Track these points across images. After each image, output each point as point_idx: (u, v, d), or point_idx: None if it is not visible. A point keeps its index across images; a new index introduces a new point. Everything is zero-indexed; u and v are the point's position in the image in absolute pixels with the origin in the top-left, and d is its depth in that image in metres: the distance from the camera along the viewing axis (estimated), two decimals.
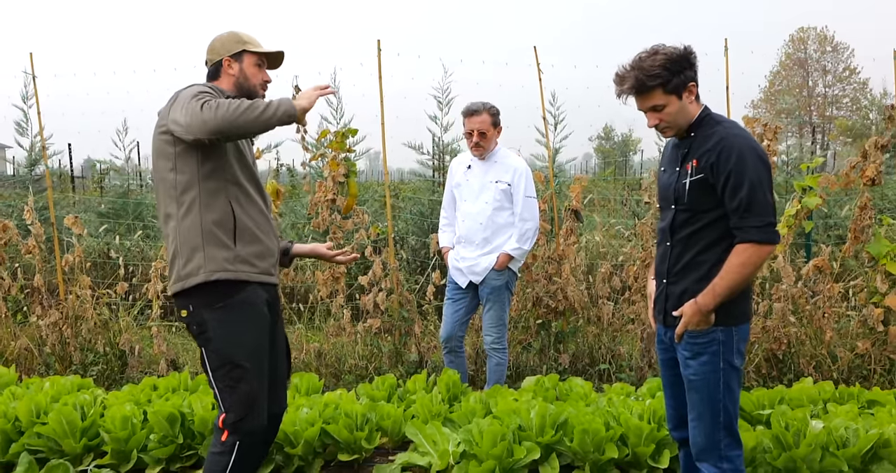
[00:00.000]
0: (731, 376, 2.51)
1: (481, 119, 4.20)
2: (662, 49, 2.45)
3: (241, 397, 2.53)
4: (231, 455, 2.54)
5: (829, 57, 42.31)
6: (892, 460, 3.23)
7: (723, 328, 2.47)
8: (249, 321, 2.57)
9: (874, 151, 4.67)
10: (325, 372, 5.18)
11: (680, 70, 2.43)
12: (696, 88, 2.48)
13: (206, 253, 2.51)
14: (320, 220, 5.28)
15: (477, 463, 3.23)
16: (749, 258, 2.37)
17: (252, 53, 2.74)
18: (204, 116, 2.30)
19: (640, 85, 2.43)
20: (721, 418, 2.51)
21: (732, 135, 2.43)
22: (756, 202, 2.36)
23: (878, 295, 4.65)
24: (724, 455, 2.53)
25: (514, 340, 5.25)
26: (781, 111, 35.92)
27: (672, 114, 2.47)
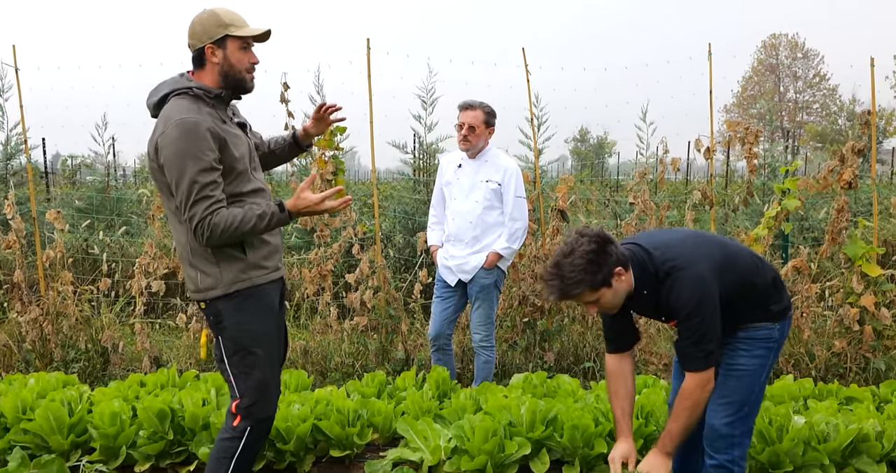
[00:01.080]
0: (768, 373, 2.68)
1: (474, 114, 4.25)
2: (578, 249, 2.44)
3: (254, 383, 2.62)
4: (241, 441, 2.61)
5: (800, 63, 43.12)
6: (871, 453, 3.33)
7: (779, 325, 2.64)
8: (261, 311, 2.64)
9: (851, 156, 4.80)
10: (312, 369, 5.18)
11: (600, 266, 2.44)
12: (623, 271, 2.50)
13: (220, 268, 2.57)
14: (307, 218, 5.27)
15: (469, 459, 3.27)
16: (696, 401, 2.55)
17: (236, 37, 2.58)
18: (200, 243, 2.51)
19: (566, 295, 2.48)
20: (746, 408, 2.65)
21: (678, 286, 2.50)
22: (700, 335, 2.50)
23: (853, 295, 4.78)
24: (738, 442, 2.65)
25: (501, 338, 5.29)
26: (754, 115, 36.53)
27: (608, 301, 2.54)
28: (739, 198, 5.32)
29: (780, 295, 2.68)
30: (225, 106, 2.70)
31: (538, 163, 5.84)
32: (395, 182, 11.51)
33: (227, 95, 2.67)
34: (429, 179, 7.37)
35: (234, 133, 2.64)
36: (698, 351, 2.53)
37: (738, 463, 2.65)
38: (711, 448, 2.67)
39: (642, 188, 5.29)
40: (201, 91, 2.58)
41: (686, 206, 5.50)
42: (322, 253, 5.32)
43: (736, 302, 2.59)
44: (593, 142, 41.29)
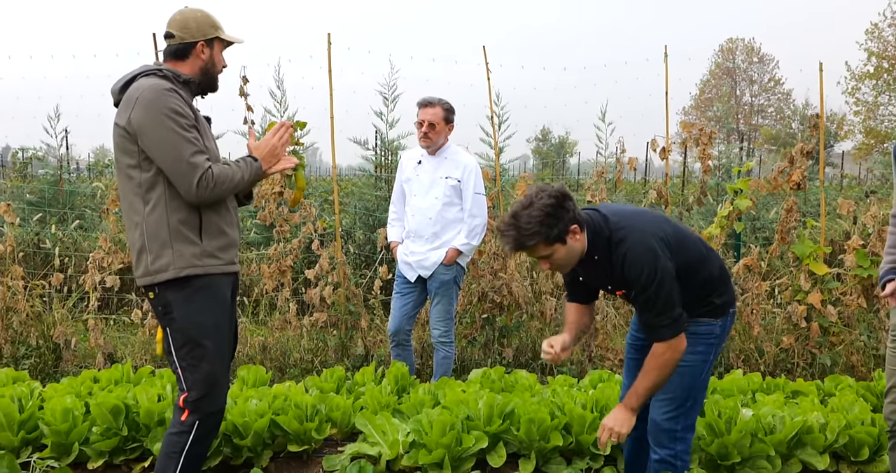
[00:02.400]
0: (711, 367, 2.71)
1: (434, 111, 4.27)
2: (537, 201, 2.45)
3: (202, 376, 2.60)
4: (189, 435, 2.59)
5: (756, 68, 44.15)
6: (815, 445, 3.46)
7: (720, 321, 2.67)
8: (211, 303, 2.62)
9: (800, 157, 4.96)
10: (270, 365, 5.15)
11: (557, 221, 2.45)
12: (578, 228, 2.50)
13: (174, 249, 2.55)
14: (266, 213, 5.24)
15: (426, 452, 3.30)
16: (667, 360, 2.54)
17: (222, 40, 2.73)
18: (200, 195, 2.48)
19: (520, 245, 2.48)
20: (689, 403, 2.69)
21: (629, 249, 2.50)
22: (658, 303, 2.50)
23: (801, 292, 4.95)
24: (680, 437, 2.69)
25: (460, 334, 5.34)
26: (711, 118, 37.31)
27: (561, 258, 2.54)
28: (694, 197, 5.45)
29: (724, 288, 2.71)
30: (191, 95, 2.74)
31: (499, 161, 5.90)
32: (357, 178, 11.48)
33: (195, 86, 2.72)
34: (390, 176, 7.37)
35: (202, 121, 2.69)
36: (664, 320, 2.52)
37: (680, 458, 2.69)
38: (655, 443, 2.72)
39: (600, 187, 5.38)
40: (170, 73, 2.64)
41: (643, 205, 5.61)
42: (281, 249, 5.29)
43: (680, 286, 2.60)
44: (555, 141, 41.65)
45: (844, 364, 4.97)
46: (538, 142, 42.22)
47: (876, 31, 29.79)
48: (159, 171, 2.52)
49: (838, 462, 3.55)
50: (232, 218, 2.73)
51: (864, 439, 3.46)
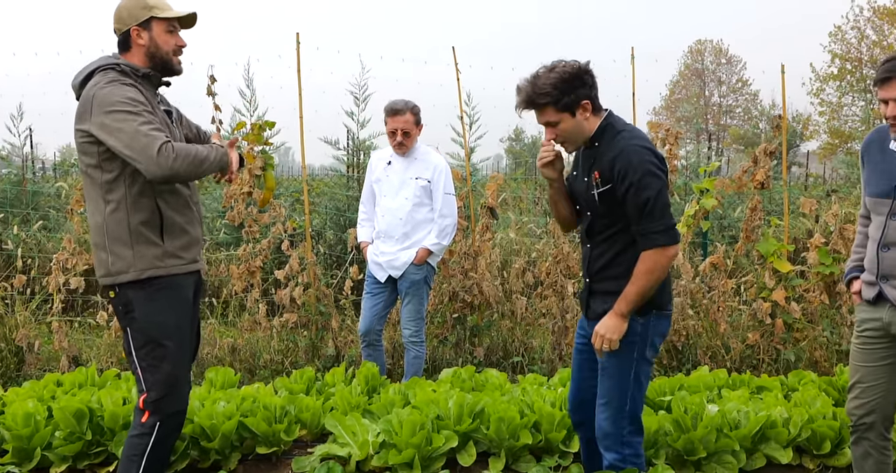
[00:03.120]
0: (642, 368, 2.64)
1: (405, 119, 4.25)
2: (559, 66, 2.49)
3: (163, 376, 2.57)
4: (151, 437, 2.56)
5: (724, 69, 44.78)
6: (779, 439, 3.52)
7: (642, 320, 2.60)
8: (173, 303, 2.60)
9: (763, 157, 5.05)
10: (240, 367, 5.10)
11: (572, 89, 2.47)
12: (590, 105, 2.52)
13: (135, 251, 2.53)
14: (235, 214, 5.19)
15: (396, 452, 3.30)
16: (655, 263, 2.48)
17: (161, 19, 2.63)
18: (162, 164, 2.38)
19: (531, 101, 2.50)
20: (627, 407, 2.64)
21: (631, 145, 2.50)
22: (656, 208, 2.45)
23: (766, 290, 5.03)
24: (626, 441, 2.66)
25: (431, 334, 5.34)
26: (681, 118, 37.79)
27: (566, 130, 2.54)
28: None
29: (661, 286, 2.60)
30: (153, 88, 2.70)
31: (469, 161, 5.92)
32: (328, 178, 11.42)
33: (156, 78, 2.68)
34: (361, 176, 7.35)
35: (161, 115, 2.64)
36: (658, 226, 2.46)
37: (630, 461, 2.67)
38: (603, 448, 2.70)
39: None
40: (128, 67, 2.59)
41: None
42: (251, 250, 5.24)
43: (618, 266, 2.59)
44: (528, 141, 41.87)
45: (808, 359, 5.07)
46: (511, 142, 42.38)
47: (839, 34, 30.42)
48: (121, 172, 2.50)
49: (801, 455, 3.62)
50: (194, 215, 2.70)
51: (826, 433, 3.54)
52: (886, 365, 2.71)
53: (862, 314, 2.77)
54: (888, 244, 2.60)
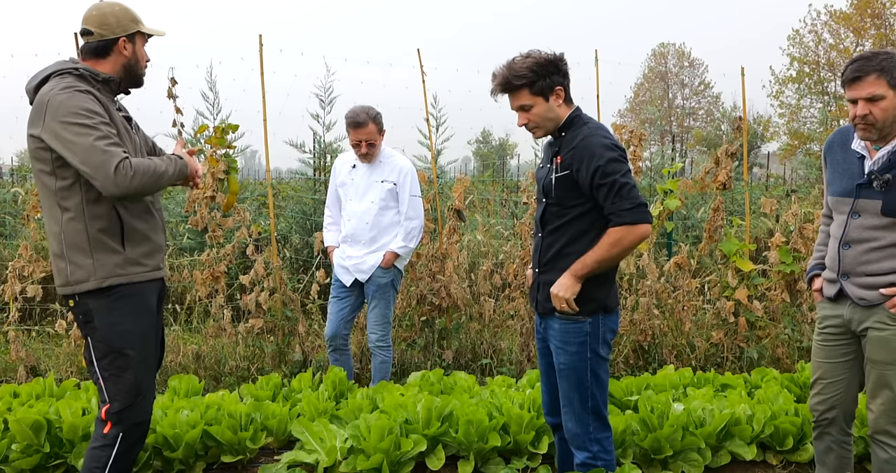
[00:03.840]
0: (599, 365, 2.67)
1: (368, 130, 4.21)
2: (535, 53, 2.60)
3: (126, 386, 2.51)
4: (113, 449, 2.49)
5: (687, 71, 45.55)
6: (743, 436, 3.58)
7: (591, 319, 2.63)
8: (136, 311, 2.54)
9: (725, 158, 5.13)
10: (205, 374, 5.01)
11: (547, 74, 2.57)
12: (563, 92, 2.62)
13: (94, 259, 2.46)
14: (198, 218, 5.10)
15: (364, 458, 3.27)
16: (620, 239, 2.52)
17: (143, 34, 2.64)
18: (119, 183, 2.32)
19: (507, 83, 2.58)
20: (589, 404, 2.67)
21: (594, 134, 2.58)
22: (624, 188, 2.51)
23: (729, 289, 5.11)
24: (594, 438, 2.69)
25: (399, 337, 5.31)
26: (645, 120, 38.30)
27: (539, 114, 2.61)
28: None
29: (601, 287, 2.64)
30: (111, 94, 2.64)
31: (436, 164, 5.91)
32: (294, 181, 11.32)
33: (115, 85, 2.63)
34: (328, 179, 7.28)
35: (119, 121, 2.57)
36: (625, 203, 2.49)
37: (600, 458, 2.69)
38: (573, 447, 2.73)
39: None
40: (87, 72, 2.54)
41: None
42: (215, 255, 5.16)
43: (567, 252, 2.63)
44: (495, 143, 42.06)
45: (770, 356, 5.15)
46: (479, 145, 42.53)
47: (797, 37, 31.17)
48: (76, 180, 2.42)
49: (765, 451, 3.68)
50: (157, 222, 2.64)
51: (789, 429, 3.60)
52: (847, 361, 2.76)
53: (823, 311, 2.83)
54: (849, 242, 2.65)
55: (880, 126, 2.51)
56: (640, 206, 2.53)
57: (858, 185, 2.62)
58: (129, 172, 2.33)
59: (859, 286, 2.64)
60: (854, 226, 2.64)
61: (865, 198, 2.60)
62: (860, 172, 2.63)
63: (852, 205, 2.64)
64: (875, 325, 2.61)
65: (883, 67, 2.45)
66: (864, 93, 2.48)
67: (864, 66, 2.48)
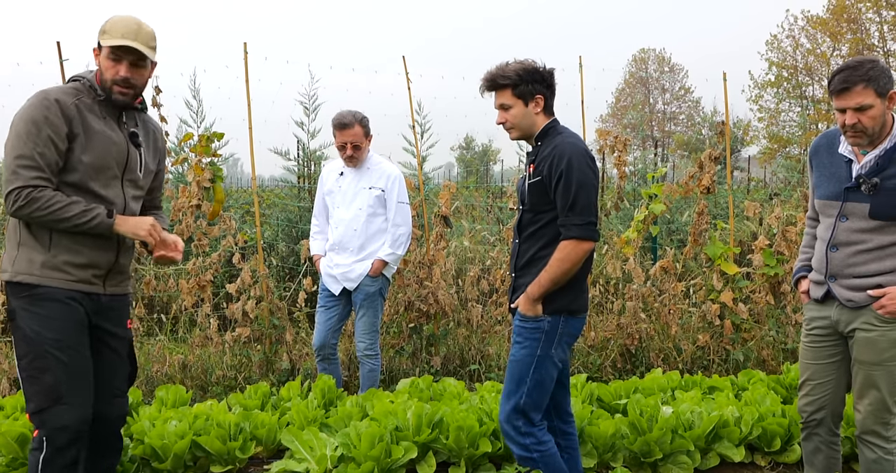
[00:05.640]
0: (545, 366, 2.70)
1: (354, 132, 4.22)
2: (527, 61, 2.75)
3: (43, 388, 2.49)
4: (41, 453, 2.49)
5: (667, 77, 45.97)
6: (731, 438, 3.61)
7: (550, 319, 2.70)
8: (56, 316, 2.52)
9: (708, 163, 5.19)
10: (191, 384, 4.97)
11: (531, 80, 2.72)
12: (542, 101, 2.75)
13: (20, 253, 2.53)
14: (184, 227, 5.07)
15: (355, 466, 3.26)
16: (568, 254, 2.63)
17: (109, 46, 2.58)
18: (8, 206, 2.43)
19: (493, 81, 2.75)
20: (521, 401, 2.70)
21: (566, 142, 2.70)
22: (579, 202, 2.62)
23: (714, 292, 5.16)
24: (524, 432, 2.72)
25: (387, 345, 5.30)
26: (627, 125, 38.57)
27: (516, 116, 2.75)
28: (611, 203, 5.61)
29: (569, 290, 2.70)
30: (116, 110, 2.65)
31: (422, 170, 5.92)
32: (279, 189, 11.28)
33: (96, 93, 2.61)
34: (313, 186, 7.28)
35: (103, 132, 2.57)
36: (576, 219, 2.61)
37: (535, 449, 2.71)
38: (506, 439, 2.78)
39: None
40: (89, 84, 2.60)
41: None
42: (200, 264, 5.13)
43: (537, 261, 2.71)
44: (478, 149, 42.17)
45: (756, 358, 5.20)
46: (462, 151, 42.57)
47: (776, 42, 31.56)
48: None
49: (753, 453, 3.72)
50: (106, 243, 2.61)
51: (776, 430, 3.64)
52: (835, 362, 2.79)
53: (810, 312, 2.86)
54: (837, 244, 2.69)
55: (870, 133, 2.56)
56: (589, 224, 2.64)
57: (846, 189, 2.66)
58: (21, 202, 2.42)
59: (847, 288, 2.68)
60: (842, 228, 2.67)
61: (853, 201, 2.64)
62: (848, 176, 2.67)
63: (840, 208, 2.67)
64: (862, 326, 2.65)
65: (870, 77, 2.49)
66: (852, 104, 2.52)
67: (850, 76, 2.51)
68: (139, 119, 2.78)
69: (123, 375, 2.78)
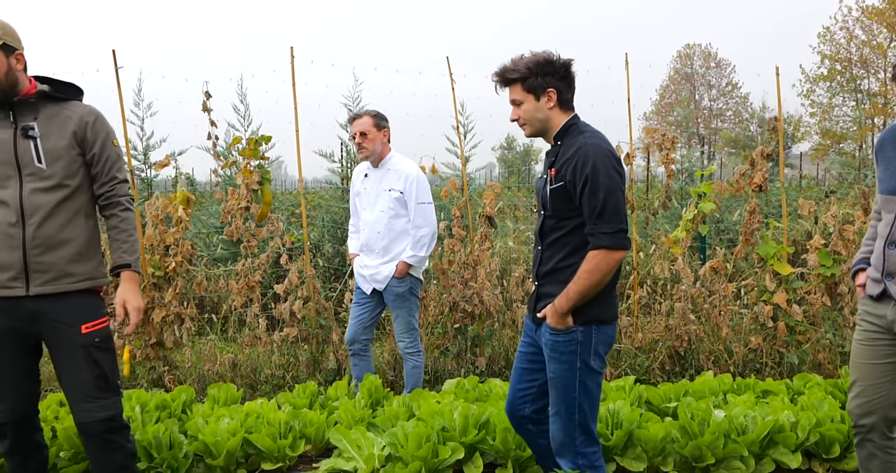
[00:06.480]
0: (588, 376, 2.61)
1: (362, 121, 4.29)
2: (540, 53, 2.62)
3: None
4: None
5: (714, 72, 45.07)
6: (787, 443, 3.51)
7: (582, 329, 2.58)
8: None
9: (761, 160, 5.06)
10: (241, 382, 5.06)
11: (541, 73, 2.58)
12: (555, 95, 2.60)
13: None
14: (233, 229, 5.17)
15: (403, 466, 3.27)
16: (597, 264, 2.48)
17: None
18: None
19: (502, 76, 2.65)
20: (576, 416, 2.62)
21: (590, 144, 2.52)
22: (608, 209, 2.46)
23: (767, 293, 5.03)
24: (580, 452, 2.64)
25: (432, 345, 5.32)
26: (672, 123, 37.95)
27: (527, 111, 2.63)
28: (658, 202, 5.52)
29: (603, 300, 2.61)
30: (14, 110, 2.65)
31: (465, 170, 5.91)
32: (324, 191, 11.42)
33: None
34: None
35: None
36: (605, 227, 2.46)
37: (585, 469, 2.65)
38: (558, 456, 2.69)
39: None
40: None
41: None
42: (249, 265, 5.22)
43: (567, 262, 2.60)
44: (520, 149, 42.01)
45: (811, 362, 5.06)
46: (503, 151, 42.49)
47: (828, 35, 30.67)
48: None
49: (810, 459, 3.61)
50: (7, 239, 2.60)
51: (835, 436, 3.52)
52: (888, 364, 2.68)
53: (865, 307, 2.75)
54: (895, 241, 2.60)
55: None
56: (619, 232, 2.49)
57: None
58: None
59: None
60: None
61: None
62: None
63: None
64: None
65: None
66: None
67: None
68: (42, 111, 2.67)
69: (83, 380, 2.67)
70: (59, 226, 2.64)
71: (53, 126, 2.66)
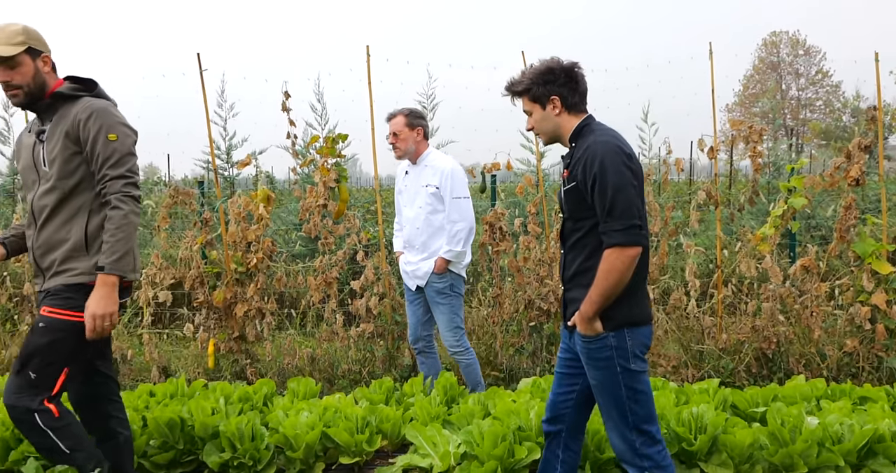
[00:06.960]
0: (632, 379, 2.53)
1: (395, 121, 4.32)
2: (543, 63, 2.63)
3: None
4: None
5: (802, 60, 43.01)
6: (888, 454, 3.29)
7: (614, 334, 2.50)
8: None
9: (858, 152, 4.77)
10: (319, 377, 5.16)
11: (543, 82, 2.59)
12: (559, 102, 2.59)
13: None
14: (311, 226, 5.27)
15: (479, 464, 3.25)
16: (613, 263, 2.40)
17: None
18: None
19: (511, 90, 2.69)
20: (630, 419, 2.54)
21: (599, 141, 2.48)
22: (618, 206, 2.40)
23: (864, 293, 4.74)
24: (642, 454, 2.55)
25: (507, 343, 5.28)
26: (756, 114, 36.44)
27: (537, 121, 2.66)
28: (745, 197, 5.28)
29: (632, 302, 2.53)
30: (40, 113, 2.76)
31: (541, 166, 5.83)
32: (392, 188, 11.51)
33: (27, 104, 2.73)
34: None
35: (21, 142, 2.78)
36: (616, 225, 2.40)
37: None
38: (624, 463, 2.61)
39: (646, 189, 5.26)
40: None
41: (691, 206, 5.47)
42: (327, 261, 5.32)
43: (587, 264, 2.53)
44: None
45: None
46: None
47: None
48: None
49: None
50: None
51: None
52: None
53: None
54: None
55: None
56: (631, 227, 2.40)
57: None
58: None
59: None
60: None
61: None
62: None
63: None
64: None
65: None
66: None
67: None
68: (58, 112, 2.70)
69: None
70: (57, 227, 2.70)
71: (57, 127, 2.69)
